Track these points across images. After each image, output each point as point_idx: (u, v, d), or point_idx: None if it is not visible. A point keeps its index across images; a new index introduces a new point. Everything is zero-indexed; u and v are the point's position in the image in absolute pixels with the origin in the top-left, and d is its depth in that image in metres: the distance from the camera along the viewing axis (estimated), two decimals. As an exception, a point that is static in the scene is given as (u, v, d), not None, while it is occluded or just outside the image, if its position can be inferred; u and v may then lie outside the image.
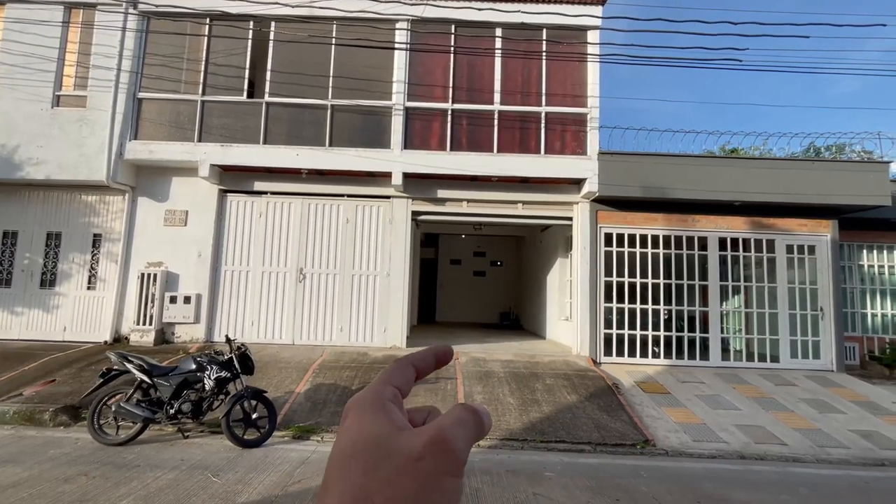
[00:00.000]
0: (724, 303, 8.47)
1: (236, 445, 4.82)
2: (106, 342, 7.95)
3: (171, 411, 4.81)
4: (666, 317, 8.43)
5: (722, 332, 8.36)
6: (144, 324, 7.95)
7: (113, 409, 4.71)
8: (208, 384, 4.90)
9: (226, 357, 5.13)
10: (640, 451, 5.34)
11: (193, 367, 4.96)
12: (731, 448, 5.50)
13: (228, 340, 5.18)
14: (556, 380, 7.09)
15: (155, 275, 8.05)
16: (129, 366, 4.85)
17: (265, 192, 8.50)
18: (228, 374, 5.00)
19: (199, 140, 8.03)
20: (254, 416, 4.97)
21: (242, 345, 5.34)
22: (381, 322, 8.28)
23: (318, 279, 8.37)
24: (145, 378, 4.83)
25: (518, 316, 14.32)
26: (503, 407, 6.15)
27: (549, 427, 5.70)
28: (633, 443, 5.47)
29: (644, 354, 8.27)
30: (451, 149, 8.05)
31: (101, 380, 4.86)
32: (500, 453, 5.12)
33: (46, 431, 5.19)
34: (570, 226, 8.62)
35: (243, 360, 5.18)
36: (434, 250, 15.61)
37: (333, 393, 6.36)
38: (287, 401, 6.08)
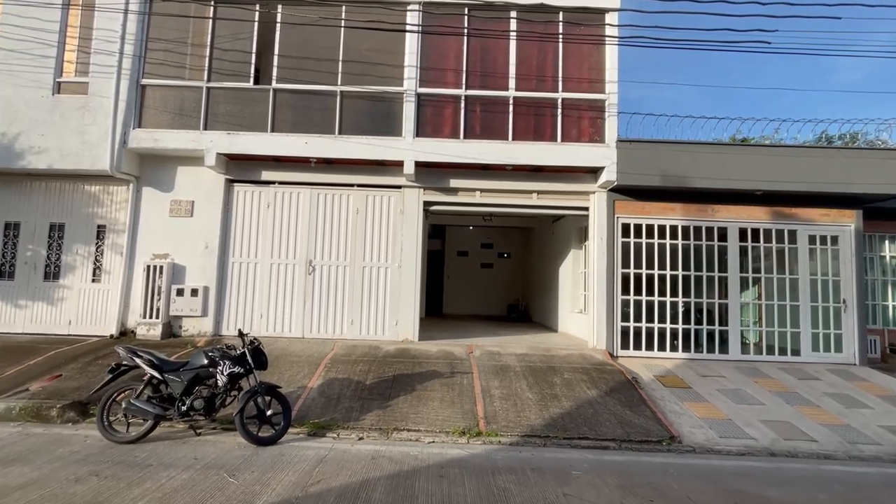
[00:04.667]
0: (744, 295, 8.27)
1: (251, 443, 4.65)
2: (112, 336, 7.78)
3: (183, 408, 4.65)
4: (684, 309, 8.23)
5: (741, 324, 8.16)
6: (151, 317, 7.77)
7: (123, 405, 4.54)
8: (221, 380, 4.73)
9: (238, 352, 4.95)
10: (667, 449, 5.17)
11: (205, 362, 4.78)
12: (759, 445, 5.33)
13: (241, 334, 4.99)
14: (574, 374, 6.92)
15: (161, 267, 7.86)
16: (139, 361, 4.67)
17: (273, 182, 8.28)
18: (241, 370, 4.82)
19: (205, 128, 7.80)
20: (268, 412, 4.80)
21: (255, 339, 5.16)
22: (393, 315, 8.10)
23: (327, 271, 8.17)
24: (155, 374, 4.66)
25: (527, 308, 14.14)
26: (522, 402, 5.98)
27: (570, 423, 5.53)
28: (659, 439, 5.30)
29: (662, 348, 8.09)
30: (465, 136, 7.80)
31: (110, 375, 4.69)
32: (523, 450, 4.95)
33: (54, 428, 5.03)
34: (586, 216, 8.40)
35: (256, 355, 5.00)
36: (441, 242, 15.41)
37: (347, 388, 6.19)
38: (300, 396, 5.91)
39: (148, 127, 7.79)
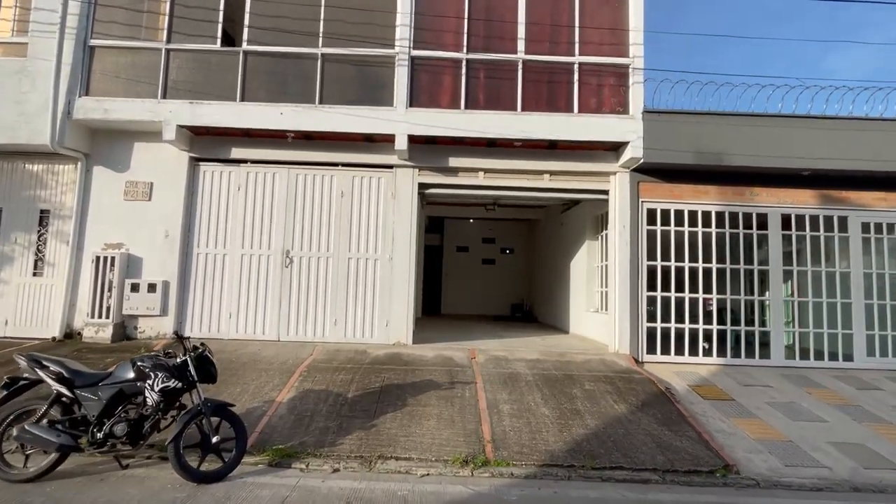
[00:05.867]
0: (787, 291, 7.18)
1: (189, 480, 3.55)
2: (55, 339, 6.67)
3: (99, 435, 3.54)
4: (718, 308, 7.15)
5: (785, 325, 7.08)
6: (101, 316, 6.66)
7: (14, 433, 3.44)
8: (151, 398, 3.62)
9: (178, 361, 3.85)
10: (723, 482, 4.08)
11: (131, 375, 3.68)
12: (836, 476, 4.25)
13: (180, 338, 3.90)
14: (596, 384, 5.83)
15: (113, 258, 6.75)
16: (42, 373, 3.57)
17: (244, 161, 7.18)
18: (179, 384, 3.72)
19: (164, 97, 6.70)
20: (214, 439, 3.71)
21: (201, 344, 4.06)
22: (383, 314, 7.00)
23: (307, 264, 7.07)
24: (63, 390, 3.56)
25: (532, 307, 13.06)
26: (538, 420, 4.88)
27: (599, 447, 4.44)
28: (711, 469, 4.22)
29: (693, 352, 7.01)
30: (466, 107, 6.71)
31: (5, 392, 3.59)
32: (543, 486, 3.87)
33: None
34: (606, 201, 7.31)
35: (202, 365, 3.90)
36: (439, 236, 14.35)
37: (324, 402, 5.09)
38: (265, 413, 4.81)
39: (97, 95, 6.69)
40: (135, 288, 6.77)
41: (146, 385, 3.63)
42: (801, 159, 6.62)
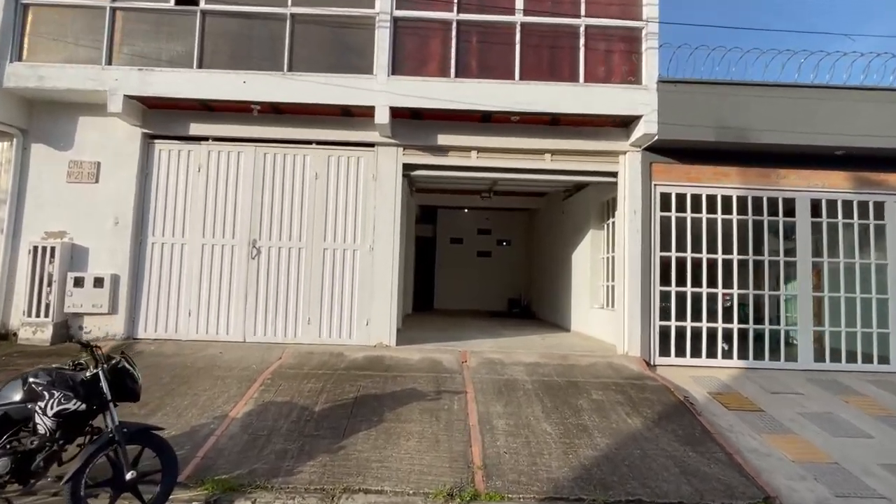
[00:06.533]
0: (815, 285, 6.41)
1: (92, 530, 2.76)
2: (-13, 340, 5.85)
3: (-29, 473, 2.73)
4: (739, 303, 6.39)
5: (814, 323, 6.33)
6: (39, 315, 5.85)
7: None
8: (43, 424, 2.82)
9: (87, 375, 3.04)
10: (766, 520, 3.33)
11: (19, 396, 2.87)
12: (900, 509, 3.50)
13: (87, 346, 3.08)
14: (605, 392, 5.06)
15: (53, 248, 5.92)
16: None
17: (205, 138, 6.33)
18: (84, 406, 2.91)
19: (109, 62, 5.84)
20: (128, 475, 2.91)
21: (121, 353, 3.25)
22: (363, 312, 6.21)
23: (277, 255, 6.26)
24: (-75, 416, 2.74)
25: (530, 303, 12.30)
26: (538, 440, 4.11)
27: (612, 475, 3.67)
28: (750, 502, 3.46)
29: (711, 354, 6.26)
30: (456, 75, 5.88)
31: None
32: (545, 530, 3.10)
33: None
34: (614, 184, 6.52)
35: (119, 379, 3.10)
36: (432, 227, 13.54)
37: (285, 418, 4.30)
38: (212, 433, 4.02)
39: (31, 60, 5.82)
40: (79, 282, 5.94)
41: (37, 408, 2.82)
42: (836, 136, 5.83)
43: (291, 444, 3.89)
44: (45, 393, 2.85)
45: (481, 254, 13.52)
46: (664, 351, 6.23)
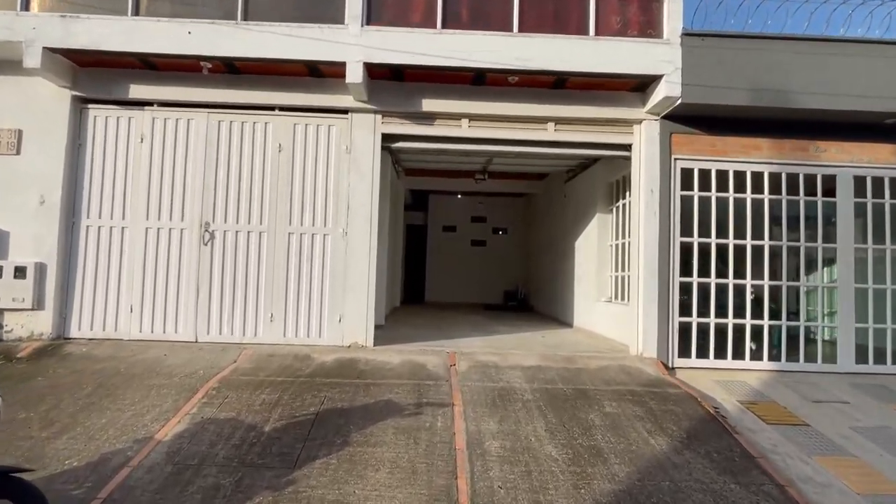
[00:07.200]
0: (859, 276, 5.57)
1: None
2: None
3: None
4: (770, 296, 5.56)
5: (856, 319, 5.50)
6: (-53, 311, 4.93)
7: None
8: None
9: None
10: (847, 586, 2.50)
11: None
12: None
13: None
14: (620, 404, 4.22)
15: (-35, 232, 4.99)
16: None
17: (149, 103, 5.38)
18: None
19: (26, 7, 4.87)
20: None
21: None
22: (335, 307, 5.32)
23: (234, 240, 5.35)
24: None
25: (528, 295, 11.47)
26: (541, 468, 3.26)
27: (638, 519, 2.83)
28: (819, 558, 2.63)
29: (738, 354, 5.43)
30: (444, 26, 4.95)
31: None
32: None
33: None
34: (628, 158, 5.64)
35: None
36: (423, 214, 12.66)
37: (226, 440, 3.43)
38: (127, 462, 3.14)
39: (-69, 5, 4.83)
40: (-4, 272, 5.02)
41: None
42: (885, 99, 4.96)
43: (226, 478, 3.02)
44: None
45: (476, 243, 12.67)
46: (684, 351, 5.40)
